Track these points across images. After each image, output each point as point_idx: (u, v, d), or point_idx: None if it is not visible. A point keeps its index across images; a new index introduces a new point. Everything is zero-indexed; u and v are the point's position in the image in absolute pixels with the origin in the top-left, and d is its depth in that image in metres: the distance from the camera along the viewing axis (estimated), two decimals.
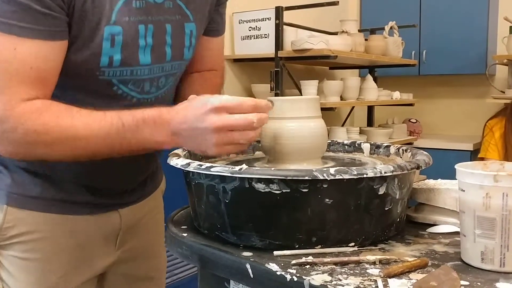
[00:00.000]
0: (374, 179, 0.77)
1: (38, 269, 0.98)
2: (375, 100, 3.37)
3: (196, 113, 0.81)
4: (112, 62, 0.89)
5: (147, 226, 1.15)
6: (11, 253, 0.98)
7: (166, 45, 0.96)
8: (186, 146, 0.88)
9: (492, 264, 0.71)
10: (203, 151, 0.85)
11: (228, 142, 0.82)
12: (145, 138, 0.85)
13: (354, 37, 3.06)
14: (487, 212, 0.70)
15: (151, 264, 1.19)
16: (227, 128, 0.80)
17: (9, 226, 0.96)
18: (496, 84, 3.87)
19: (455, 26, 3.83)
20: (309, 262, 0.73)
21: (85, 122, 0.83)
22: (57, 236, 0.99)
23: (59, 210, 0.99)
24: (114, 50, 0.88)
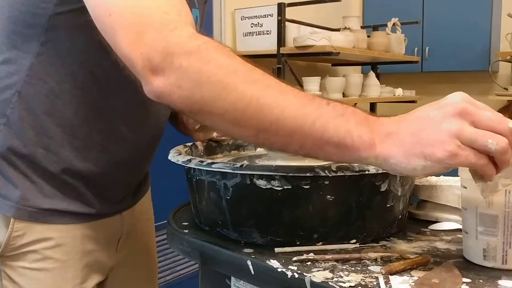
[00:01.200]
0: (376, 175, 0.77)
1: (51, 279, 0.94)
2: (377, 97, 3.37)
3: (427, 106, 0.63)
4: None
5: (143, 228, 1.15)
6: (21, 264, 0.93)
7: None
8: (398, 151, 0.60)
9: (494, 262, 0.70)
10: (427, 152, 0.58)
11: (473, 138, 0.57)
12: (348, 129, 0.61)
13: (357, 33, 3.05)
14: (489, 209, 0.70)
15: (147, 267, 1.19)
16: (474, 117, 0.58)
17: (18, 235, 0.91)
18: (499, 81, 3.86)
19: (458, 22, 3.82)
20: (310, 259, 0.72)
21: (279, 83, 0.64)
22: (70, 243, 0.95)
23: (70, 220, 0.95)
24: None
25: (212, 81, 0.63)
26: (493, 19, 3.78)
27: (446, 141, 0.57)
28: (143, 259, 1.17)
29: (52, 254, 0.94)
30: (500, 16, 3.92)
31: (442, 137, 0.57)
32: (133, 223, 1.10)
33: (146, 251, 1.18)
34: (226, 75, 0.63)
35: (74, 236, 0.96)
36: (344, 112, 0.62)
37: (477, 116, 0.58)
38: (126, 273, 1.12)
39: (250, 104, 0.62)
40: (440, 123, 0.58)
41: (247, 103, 0.62)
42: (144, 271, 1.18)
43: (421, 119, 0.60)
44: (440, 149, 0.57)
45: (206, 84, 0.63)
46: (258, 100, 0.62)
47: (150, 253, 1.20)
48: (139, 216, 1.12)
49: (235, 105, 0.62)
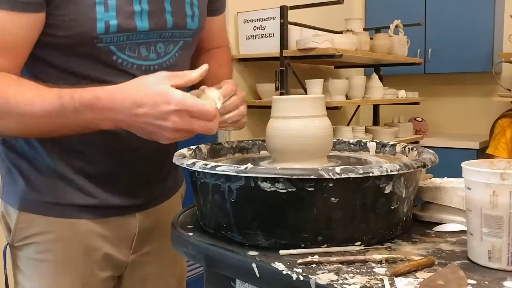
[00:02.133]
0: (380, 177, 0.77)
1: (52, 270, 0.98)
2: (380, 99, 3.36)
3: (153, 101, 0.79)
4: (108, 28, 0.88)
5: (164, 231, 1.14)
6: (26, 254, 0.98)
7: (166, 12, 0.95)
8: (133, 131, 0.84)
9: (499, 263, 0.70)
10: (155, 138, 0.83)
11: (183, 137, 0.82)
12: (88, 124, 0.83)
13: (359, 35, 3.05)
14: (494, 210, 0.70)
15: (169, 271, 1.17)
16: (186, 129, 0.81)
17: (23, 227, 0.97)
18: (503, 82, 3.85)
19: (461, 24, 3.81)
20: (315, 261, 0.73)
21: (29, 96, 0.81)
22: (71, 237, 0.98)
23: (72, 215, 0.98)
24: (110, 15, 0.87)
25: None
26: (496, 20, 3.77)
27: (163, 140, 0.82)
28: (166, 261, 1.16)
29: (53, 247, 0.98)
30: (503, 17, 3.91)
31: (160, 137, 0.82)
32: (152, 224, 1.09)
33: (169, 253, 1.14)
34: None
35: (76, 232, 0.99)
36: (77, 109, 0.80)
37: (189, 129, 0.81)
38: (145, 273, 1.11)
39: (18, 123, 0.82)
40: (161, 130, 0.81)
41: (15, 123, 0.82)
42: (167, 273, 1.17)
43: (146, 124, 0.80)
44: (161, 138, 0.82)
45: None
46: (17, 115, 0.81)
47: (174, 258, 1.17)
48: (159, 217, 1.11)
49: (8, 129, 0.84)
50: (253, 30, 3.01)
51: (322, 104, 0.96)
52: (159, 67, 0.97)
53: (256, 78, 3.15)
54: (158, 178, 1.10)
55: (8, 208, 0.99)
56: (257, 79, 3.13)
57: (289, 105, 0.92)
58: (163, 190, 1.13)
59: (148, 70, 0.96)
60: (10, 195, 0.99)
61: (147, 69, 0.96)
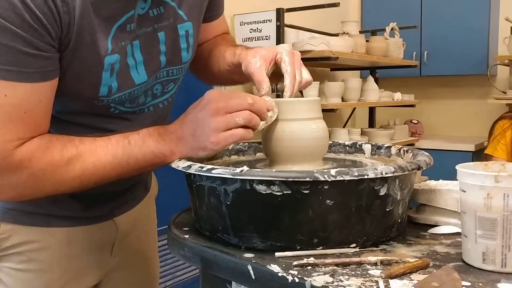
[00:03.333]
0: (375, 180, 0.78)
1: (36, 280, 0.97)
2: (376, 101, 3.37)
3: (195, 106, 0.85)
4: (111, 90, 0.86)
5: (141, 234, 1.15)
6: (7, 264, 0.96)
7: (160, 54, 0.92)
8: (189, 148, 0.86)
9: (493, 265, 0.71)
10: (203, 146, 0.83)
11: (226, 124, 0.81)
12: (152, 152, 0.85)
13: (355, 38, 3.07)
14: (488, 212, 0.70)
15: (145, 271, 1.19)
16: (225, 109, 0.81)
17: (4, 237, 0.95)
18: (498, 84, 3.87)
19: (456, 27, 3.83)
20: (310, 263, 0.73)
21: (90, 149, 0.82)
22: (54, 246, 0.98)
23: (55, 223, 0.98)
24: (112, 79, 0.86)
25: (46, 185, 0.82)
26: (491, 23, 3.79)
27: (210, 135, 0.82)
28: (141, 264, 1.17)
29: (36, 256, 0.96)
30: (498, 20, 3.93)
31: (207, 132, 0.82)
32: (130, 227, 1.10)
33: (144, 256, 1.17)
34: (54, 174, 0.81)
35: (60, 240, 0.98)
36: (143, 140, 0.85)
37: (227, 107, 0.82)
38: (121, 277, 1.12)
39: (82, 180, 0.83)
40: (203, 123, 0.83)
41: (79, 182, 0.83)
42: (142, 276, 1.18)
43: (193, 122, 0.84)
44: (208, 142, 0.83)
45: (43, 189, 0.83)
46: (84, 175, 0.83)
47: (149, 258, 1.19)
48: (135, 221, 1.12)
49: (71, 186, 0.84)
50: (250, 33, 3.02)
51: (318, 106, 0.96)
52: (155, 107, 0.98)
53: None
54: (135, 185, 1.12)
55: None
56: None
57: (285, 108, 0.93)
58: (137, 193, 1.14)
59: (142, 112, 0.96)
60: None
61: (142, 111, 0.96)
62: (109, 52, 0.83)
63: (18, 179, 0.79)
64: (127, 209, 1.10)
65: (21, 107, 0.77)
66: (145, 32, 0.88)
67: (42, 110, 0.80)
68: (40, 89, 0.78)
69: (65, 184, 0.83)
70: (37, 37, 0.74)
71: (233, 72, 1.03)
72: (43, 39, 0.75)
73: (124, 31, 0.84)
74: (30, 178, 0.79)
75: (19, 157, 0.77)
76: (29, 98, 0.77)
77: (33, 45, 0.74)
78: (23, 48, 0.73)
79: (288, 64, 0.92)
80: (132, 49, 0.87)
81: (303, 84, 0.95)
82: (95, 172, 0.83)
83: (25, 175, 0.79)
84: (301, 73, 0.94)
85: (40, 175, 0.79)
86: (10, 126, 0.77)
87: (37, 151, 0.79)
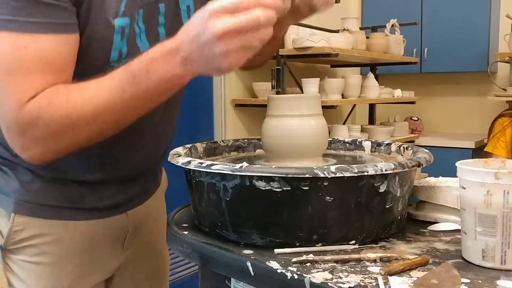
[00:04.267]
0: (374, 176, 0.77)
1: (49, 273, 0.97)
2: (376, 98, 3.37)
3: (197, 26, 0.72)
4: (121, 55, 0.87)
5: (152, 227, 1.15)
6: (21, 257, 0.97)
7: (158, 26, 0.93)
8: (201, 70, 0.76)
9: (493, 262, 0.71)
10: (217, 68, 0.73)
11: (238, 47, 0.71)
12: (160, 78, 0.76)
13: (356, 35, 3.06)
14: (488, 209, 0.70)
15: (156, 265, 1.19)
16: (233, 31, 0.70)
17: (18, 230, 0.95)
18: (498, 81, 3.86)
19: (457, 23, 3.82)
20: (309, 260, 0.73)
21: (97, 88, 0.78)
22: (67, 239, 0.98)
23: (68, 216, 0.98)
24: (123, 43, 0.86)
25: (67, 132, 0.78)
26: (491, 20, 3.78)
27: (223, 60, 0.71)
28: (152, 257, 1.17)
29: (49, 249, 0.97)
30: (499, 17, 3.92)
31: (219, 59, 0.72)
32: (140, 221, 1.11)
33: (154, 250, 1.17)
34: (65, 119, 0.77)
35: (73, 233, 0.98)
36: (147, 69, 0.76)
37: (236, 29, 0.70)
38: (133, 270, 1.12)
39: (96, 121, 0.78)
40: (212, 49, 0.71)
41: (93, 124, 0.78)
42: (152, 269, 1.18)
43: (202, 47, 0.72)
44: (222, 67, 0.73)
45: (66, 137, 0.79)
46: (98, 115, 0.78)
47: (159, 251, 1.19)
48: (147, 215, 1.12)
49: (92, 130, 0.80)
50: None
51: (318, 103, 0.96)
52: None
53: (252, 77, 3.15)
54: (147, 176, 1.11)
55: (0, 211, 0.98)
56: (253, 78, 3.13)
57: (285, 104, 0.92)
58: (150, 185, 1.14)
59: None
60: (3, 197, 0.97)
61: None
62: (120, 14, 0.83)
63: (36, 131, 0.77)
64: (139, 203, 1.10)
65: (41, 58, 0.77)
66: (149, 2, 0.89)
67: (62, 62, 0.79)
68: (59, 40, 0.78)
69: (82, 129, 0.78)
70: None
71: None
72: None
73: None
74: (44, 128, 0.77)
75: (29, 108, 0.76)
76: (49, 50, 0.77)
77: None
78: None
79: None
80: (138, 17, 0.88)
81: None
82: (106, 111, 0.78)
83: (40, 125, 0.76)
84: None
85: (52, 124, 0.77)
86: (27, 78, 0.76)
87: (43, 100, 0.77)
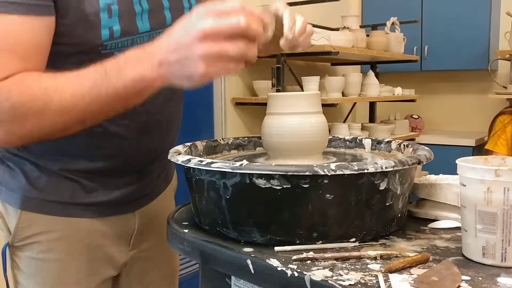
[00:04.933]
0: (375, 174, 0.77)
1: (55, 270, 0.97)
2: (377, 96, 3.36)
3: (181, 25, 0.72)
4: (112, 34, 0.86)
5: (161, 227, 1.14)
6: (28, 254, 0.97)
7: (164, 9, 0.93)
8: (172, 75, 0.74)
9: (493, 259, 0.71)
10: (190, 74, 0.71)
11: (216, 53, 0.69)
12: (131, 78, 0.74)
13: (356, 33, 3.05)
14: (488, 206, 0.70)
15: (165, 266, 1.18)
16: (215, 33, 0.68)
17: (24, 226, 0.95)
18: (499, 79, 3.86)
19: (457, 21, 3.81)
20: (310, 258, 0.73)
21: (68, 80, 0.77)
22: (74, 236, 0.98)
23: (75, 213, 0.98)
24: (113, 21, 0.86)
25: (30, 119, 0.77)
26: (492, 18, 3.77)
27: (198, 65, 0.69)
28: (161, 257, 1.16)
29: (56, 246, 0.97)
30: (499, 14, 3.91)
31: (195, 61, 0.69)
32: (149, 220, 1.10)
33: (164, 249, 1.16)
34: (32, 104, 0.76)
35: (79, 230, 0.98)
36: (120, 67, 0.75)
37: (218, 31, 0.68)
38: (142, 269, 1.12)
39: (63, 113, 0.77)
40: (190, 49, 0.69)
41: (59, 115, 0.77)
42: (162, 269, 1.18)
43: (178, 44, 0.71)
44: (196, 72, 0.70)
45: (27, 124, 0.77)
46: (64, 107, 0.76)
47: (169, 251, 1.17)
48: (156, 214, 1.12)
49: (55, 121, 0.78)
50: None
51: (318, 101, 0.96)
52: None
53: (253, 75, 3.14)
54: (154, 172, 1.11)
55: (7, 208, 0.98)
56: (254, 76, 3.13)
57: (285, 102, 0.92)
58: (159, 183, 1.14)
59: None
60: (10, 194, 0.98)
61: None
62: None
63: (2, 113, 0.76)
64: (147, 201, 1.09)
65: (10, 39, 0.76)
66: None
67: (34, 45, 0.79)
68: (32, 22, 0.78)
69: (46, 118, 0.77)
70: None
71: None
72: None
73: None
74: (11, 110, 0.76)
75: (1, 89, 0.76)
76: (20, 31, 0.77)
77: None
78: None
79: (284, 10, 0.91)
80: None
81: (300, 25, 0.90)
82: (74, 103, 0.77)
83: (6, 107, 0.76)
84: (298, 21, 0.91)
85: (19, 106, 0.76)
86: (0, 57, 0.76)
87: (15, 84, 0.76)
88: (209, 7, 0.70)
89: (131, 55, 0.76)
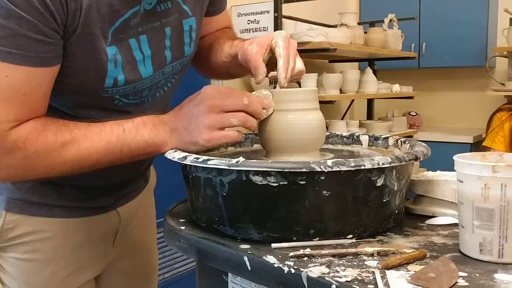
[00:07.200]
0: (371, 170, 0.77)
1: (41, 270, 0.98)
2: (374, 93, 3.37)
3: (191, 100, 0.85)
4: (116, 82, 0.87)
5: (142, 223, 1.16)
6: (12, 255, 0.97)
7: (165, 49, 0.93)
8: (181, 141, 0.86)
9: (490, 255, 0.70)
10: (194, 140, 0.84)
11: (220, 123, 0.83)
12: (145, 140, 0.85)
13: (354, 29, 3.05)
14: (485, 203, 0.70)
15: (145, 261, 1.20)
16: (220, 107, 0.82)
17: (9, 228, 0.95)
18: (496, 76, 3.86)
19: (455, 18, 3.82)
20: (306, 254, 0.72)
21: (84, 134, 0.82)
22: (59, 236, 0.98)
23: (60, 214, 0.98)
24: (118, 71, 0.86)
25: (39, 168, 0.81)
26: (489, 15, 3.77)
27: (203, 131, 0.83)
28: (141, 253, 1.18)
29: (41, 246, 0.97)
30: (497, 11, 3.92)
31: (200, 128, 0.83)
32: (131, 218, 1.11)
33: (144, 245, 1.18)
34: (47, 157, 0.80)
35: (64, 230, 0.99)
36: (137, 128, 0.85)
37: (223, 105, 0.83)
38: (122, 266, 1.13)
39: (74, 165, 0.83)
40: (198, 119, 0.83)
41: (71, 166, 0.83)
42: (141, 265, 1.19)
43: (188, 116, 0.85)
44: (200, 138, 0.83)
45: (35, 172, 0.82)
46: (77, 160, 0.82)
47: (148, 246, 1.20)
48: (137, 212, 1.13)
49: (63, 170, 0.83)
50: (247, 24, 3.00)
51: (315, 97, 0.95)
52: (153, 98, 0.97)
53: None
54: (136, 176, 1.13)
55: None
56: None
57: (281, 98, 0.92)
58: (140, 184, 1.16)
59: (143, 103, 0.96)
60: None
61: (142, 102, 0.96)
62: (108, 43, 0.83)
63: (12, 160, 0.79)
64: (129, 200, 1.11)
65: (20, 89, 0.77)
66: (153, 27, 0.89)
67: (41, 94, 0.80)
68: (41, 73, 0.78)
69: (57, 167, 0.82)
70: (43, 22, 0.74)
71: (231, 63, 1.03)
72: (48, 24, 0.75)
73: (127, 25, 0.85)
74: (23, 159, 0.79)
75: (14, 138, 0.77)
76: (29, 81, 0.77)
77: (38, 29, 0.74)
78: (28, 32, 0.73)
79: (282, 48, 0.91)
80: (139, 43, 0.88)
81: (295, 72, 0.93)
82: (88, 157, 0.83)
83: (18, 156, 0.78)
84: (295, 61, 0.93)
85: (34, 157, 0.79)
86: (8, 106, 0.77)
87: (31, 133, 0.79)
88: (217, 87, 0.84)
89: (148, 119, 0.86)
